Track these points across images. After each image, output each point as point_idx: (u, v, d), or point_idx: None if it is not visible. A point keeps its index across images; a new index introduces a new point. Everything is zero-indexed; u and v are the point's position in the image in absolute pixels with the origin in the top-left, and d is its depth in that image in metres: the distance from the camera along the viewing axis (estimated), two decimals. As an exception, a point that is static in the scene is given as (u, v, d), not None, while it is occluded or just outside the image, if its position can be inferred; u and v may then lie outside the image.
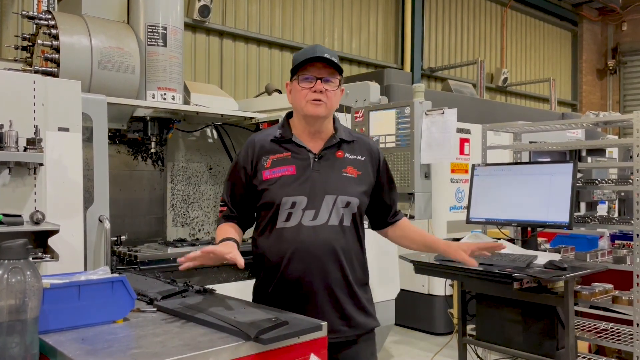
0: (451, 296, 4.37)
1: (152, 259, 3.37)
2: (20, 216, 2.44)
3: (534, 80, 11.99)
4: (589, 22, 13.85)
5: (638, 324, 3.02)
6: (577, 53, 13.68)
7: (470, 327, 3.41)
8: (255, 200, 2.08)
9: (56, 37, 3.14)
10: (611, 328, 3.32)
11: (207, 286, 2.07)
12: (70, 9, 3.52)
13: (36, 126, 2.62)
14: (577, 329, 3.33)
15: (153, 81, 3.51)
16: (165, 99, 3.53)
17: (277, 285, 2.03)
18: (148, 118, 3.79)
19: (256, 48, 7.39)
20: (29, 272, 1.33)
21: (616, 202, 6.75)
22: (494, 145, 4.22)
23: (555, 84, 11.84)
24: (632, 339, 3.09)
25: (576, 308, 3.35)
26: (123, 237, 3.63)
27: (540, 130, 3.96)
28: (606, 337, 3.22)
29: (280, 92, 4.91)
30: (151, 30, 3.51)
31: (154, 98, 3.51)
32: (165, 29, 3.53)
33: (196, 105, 3.79)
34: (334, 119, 2.15)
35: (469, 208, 3.42)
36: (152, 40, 3.51)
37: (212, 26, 6.84)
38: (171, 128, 3.95)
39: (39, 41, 3.21)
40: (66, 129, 2.77)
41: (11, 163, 2.53)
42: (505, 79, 11.08)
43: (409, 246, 2.33)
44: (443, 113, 3.34)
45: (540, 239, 3.62)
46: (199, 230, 4.44)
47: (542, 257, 2.86)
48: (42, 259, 2.42)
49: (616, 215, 6.38)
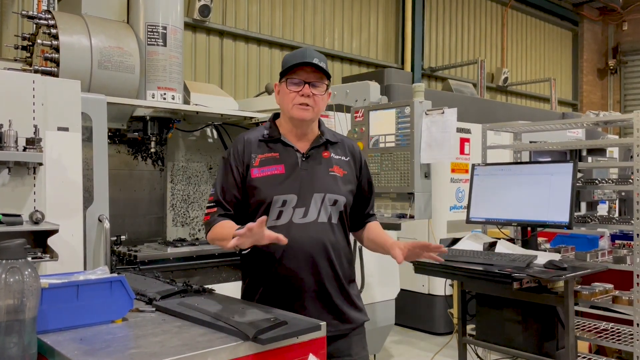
0: (451, 296, 4.37)
1: (151, 258, 3.37)
2: (19, 216, 2.44)
3: (534, 80, 11.97)
4: (590, 22, 13.83)
5: (638, 324, 3.02)
6: (578, 53, 13.66)
7: (470, 327, 3.41)
8: (245, 199, 2.09)
9: (56, 37, 3.14)
10: (611, 328, 3.32)
11: (206, 286, 2.07)
12: (70, 8, 3.52)
13: (36, 126, 2.62)
14: (577, 329, 3.33)
15: (153, 81, 3.50)
16: (165, 98, 3.53)
17: (269, 282, 2.04)
18: (148, 118, 3.79)
19: (256, 48, 7.38)
20: (27, 272, 1.33)
21: (617, 202, 6.75)
22: (494, 145, 4.21)
23: (556, 84, 11.83)
24: (632, 339, 3.09)
25: (576, 308, 3.35)
26: (123, 237, 3.64)
27: (540, 130, 3.96)
28: (606, 337, 3.22)
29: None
30: (151, 30, 3.50)
31: (153, 98, 3.50)
32: (165, 28, 3.53)
33: (196, 105, 3.79)
34: (319, 122, 2.20)
35: (469, 208, 3.42)
36: (152, 40, 3.50)
37: (212, 26, 6.84)
38: (171, 128, 3.95)
39: (39, 41, 3.20)
40: (66, 129, 2.77)
41: (10, 163, 2.53)
42: (506, 79, 11.07)
43: (368, 246, 2.32)
44: (443, 113, 3.33)
45: (540, 239, 3.62)
46: (199, 230, 4.43)
47: (542, 257, 2.86)
48: (42, 258, 2.43)
49: (617, 215, 6.38)
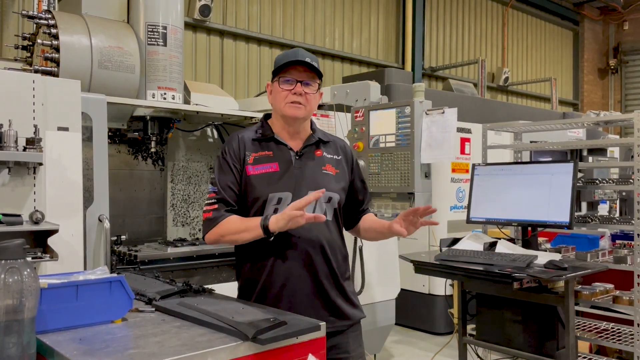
0: (451, 296, 4.37)
1: (152, 258, 3.37)
2: (19, 216, 2.44)
3: (535, 80, 11.96)
4: (591, 22, 13.82)
5: (638, 324, 3.01)
6: (579, 52, 13.65)
7: (470, 327, 3.40)
8: (242, 196, 2.09)
9: (56, 37, 3.14)
10: (612, 328, 3.31)
11: (206, 286, 2.07)
12: (70, 8, 3.52)
13: (36, 126, 2.62)
14: (577, 329, 3.33)
15: (153, 81, 3.50)
16: (165, 98, 3.53)
17: (266, 281, 2.05)
18: (148, 117, 3.79)
19: (257, 48, 7.38)
20: (26, 272, 1.33)
21: (617, 201, 6.75)
22: (494, 144, 4.21)
23: (557, 84, 11.82)
24: (632, 339, 3.08)
25: (577, 308, 3.34)
26: (123, 237, 3.64)
27: (540, 130, 3.96)
28: (607, 337, 3.22)
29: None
30: (151, 29, 3.50)
31: (154, 97, 3.50)
32: (165, 28, 3.53)
33: (196, 104, 3.78)
34: (311, 122, 2.22)
35: (469, 208, 3.42)
36: (152, 39, 3.50)
37: (212, 26, 6.84)
38: (171, 127, 3.95)
39: (39, 41, 3.20)
40: (66, 129, 2.77)
41: (10, 163, 2.53)
42: (507, 79, 11.07)
43: (365, 236, 2.37)
44: (443, 112, 3.33)
45: (540, 239, 3.61)
46: (199, 230, 4.43)
47: (543, 257, 2.86)
48: (42, 258, 2.43)
49: (617, 215, 6.38)
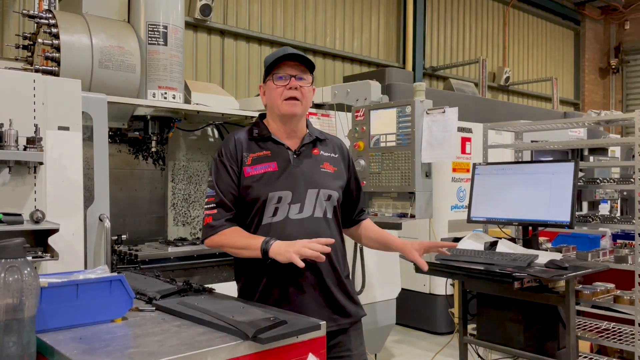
0: (452, 296, 4.37)
1: (152, 258, 3.38)
2: (20, 215, 2.44)
3: (536, 79, 11.95)
4: (592, 21, 13.80)
5: (639, 324, 3.01)
6: (580, 52, 13.63)
7: (471, 327, 3.40)
8: (241, 197, 2.08)
9: (57, 36, 3.14)
10: (613, 328, 3.31)
11: (206, 285, 2.07)
12: (71, 8, 3.52)
13: (36, 125, 2.62)
14: (578, 328, 3.32)
15: (154, 80, 3.50)
16: (165, 98, 3.53)
17: (268, 280, 2.04)
18: (149, 117, 3.79)
19: (258, 47, 7.38)
20: (26, 271, 1.33)
21: (618, 201, 6.74)
22: (495, 144, 4.21)
23: (558, 83, 11.81)
24: (633, 338, 3.08)
25: (578, 308, 3.34)
26: (124, 236, 3.64)
27: (541, 130, 3.95)
28: (607, 337, 3.21)
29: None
30: (152, 29, 3.50)
31: (154, 97, 3.50)
32: (165, 27, 3.53)
33: (197, 104, 3.78)
34: (307, 121, 2.22)
35: (469, 207, 3.41)
36: (153, 39, 3.50)
37: (213, 25, 6.83)
38: (172, 127, 3.95)
39: (40, 40, 3.20)
40: (66, 128, 2.78)
41: (11, 162, 2.54)
42: (508, 78, 11.05)
43: (368, 244, 2.40)
44: (444, 112, 3.32)
45: (541, 239, 3.61)
46: (199, 230, 4.43)
47: (543, 257, 2.85)
48: (42, 258, 2.43)
49: (618, 214, 6.37)
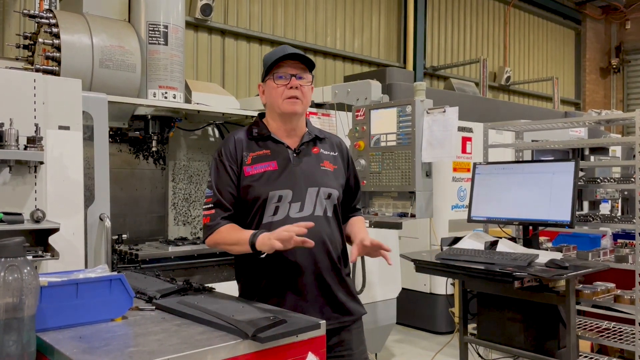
0: (452, 295, 4.37)
1: (153, 257, 3.38)
2: (20, 214, 2.44)
3: (537, 79, 11.94)
4: (593, 21, 13.79)
5: (639, 323, 3.01)
6: (581, 52, 13.62)
7: (471, 326, 3.40)
8: (241, 197, 2.09)
9: (57, 36, 3.14)
10: (613, 327, 3.31)
11: (206, 285, 2.07)
12: (72, 7, 3.53)
13: (37, 124, 2.62)
14: (579, 328, 3.32)
15: (154, 80, 3.51)
16: (166, 97, 3.53)
17: (269, 279, 2.05)
18: (149, 117, 3.79)
19: (258, 47, 7.38)
20: (25, 270, 1.33)
21: (619, 201, 6.74)
22: (495, 143, 4.21)
23: (559, 83, 11.79)
24: (634, 338, 3.08)
25: (578, 307, 3.33)
26: (124, 236, 3.64)
27: (542, 129, 3.95)
28: (608, 337, 3.21)
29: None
30: (152, 28, 3.50)
31: (155, 97, 3.51)
32: (166, 27, 3.53)
33: (197, 103, 3.79)
34: (306, 120, 2.23)
35: (470, 207, 3.41)
36: (153, 38, 3.51)
37: (214, 25, 6.84)
38: (172, 126, 3.95)
39: (40, 40, 3.21)
40: (67, 128, 2.78)
41: (12, 161, 2.54)
42: (508, 78, 11.05)
43: (347, 241, 2.29)
44: (444, 111, 3.32)
45: (542, 238, 3.61)
46: (200, 229, 4.44)
47: (544, 256, 2.85)
48: (43, 257, 2.43)
49: (619, 214, 6.37)
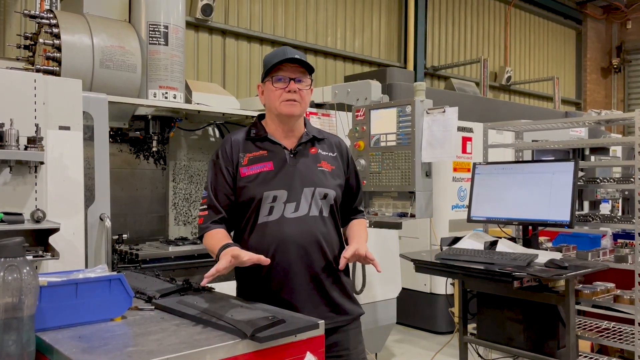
0: (452, 295, 4.37)
1: (153, 257, 3.39)
2: (21, 214, 2.45)
3: (537, 79, 11.94)
4: (594, 21, 13.78)
5: (639, 323, 3.01)
6: (582, 51, 13.61)
7: (471, 326, 3.40)
8: (237, 198, 2.11)
9: (58, 36, 3.15)
10: (613, 327, 3.31)
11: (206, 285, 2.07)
12: (72, 8, 3.54)
13: (37, 125, 2.63)
14: (578, 328, 3.32)
15: (154, 80, 3.51)
16: (166, 97, 3.54)
17: (265, 278, 2.05)
18: (150, 117, 3.80)
19: (259, 47, 7.39)
20: (25, 270, 1.33)
21: (620, 201, 6.73)
22: (495, 143, 4.21)
23: (559, 83, 11.79)
24: (633, 338, 3.08)
25: (578, 307, 3.34)
26: (125, 236, 3.65)
27: (541, 129, 3.95)
28: (608, 337, 3.21)
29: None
30: (153, 29, 3.51)
31: (155, 97, 3.51)
32: (166, 27, 3.54)
33: (198, 104, 3.79)
34: (304, 119, 2.23)
35: (470, 207, 3.42)
36: (154, 39, 3.51)
37: (214, 25, 6.84)
38: (173, 127, 3.96)
39: (41, 40, 3.21)
40: (67, 128, 2.79)
41: (12, 161, 2.55)
42: (509, 78, 11.04)
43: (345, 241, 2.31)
44: (444, 111, 3.33)
45: (542, 238, 3.61)
46: (200, 229, 4.44)
47: (543, 256, 2.86)
48: (43, 257, 2.44)
49: (620, 214, 6.36)
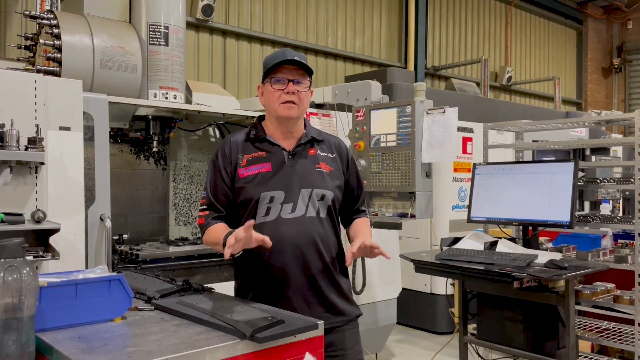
0: (452, 295, 4.37)
1: (153, 257, 3.39)
2: (21, 215, 2.46)
3: (538, 79, 11.93)
4: (594, 21, 13.77)
5: (639, 324, 3.01)
6: (582, 51, 13.60)
7: (471, 327, 3.41)
8: (235, 199, 2.12)
9: (58, 37, 3.16)
10: (613, 327, 3.31)
11: (207, 285, 2.08)
12: (73, 8, 3.54)
13: (37, 125, 2.63)
14: (579, 328, 3.32)
15: (155, 80, 3.52)
16: (167, 98, 3.54)
17: (262, 279, 2.07)
18: (150, 117, 3.80)
19: (259, 47, 7.39)
20: (25, 271, 1.34)
21: (620, 201, 6.73)
22: (495, 144, 4.21)
23: (560, 83, 11.78)
24: (633, 338, 3.08)
25: (578, 307, 3.34)
26: (125, 236, 3.65)
27: (541, 129, 3.95)
28: (608, 337, 3.21)
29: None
30: (153, 29, 3.52)
31: (155, 97, 3.52)
32: (167, 28, 3.54)
33: (198, 104, 3.80)
34: (304, 122, 2.24)
35: (470, 207, 3.42)
36: (154, 39, 3.52)
37: (215, 25, 6.84)
38: (173, 127, 3.97)
39: (41, 40, 3.22)
40: (67, 128, 2.79)
41: (12, 162, 2.55)
42: (510, 78, 11.04)
43: (349, 240, 2.30)
44: (444, 112, 3.33)
45: (542, 239, 3.61)
46: (201, 229, 4.44)
47: (543, 257, 2.86)
48: (43, 257, 2.44)
49: (620, 214, 6.36)
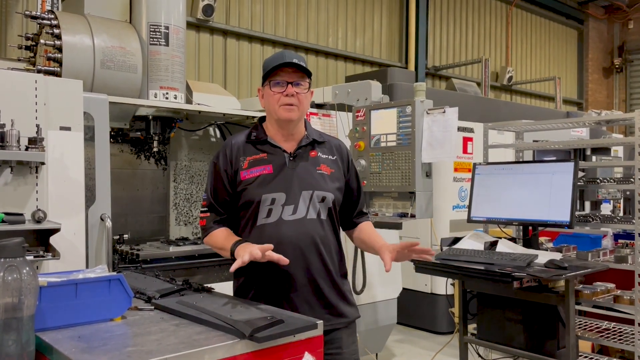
0: (453, 295, 4.37)
1: (154, 257, 3.40)
2: (22, 215, 2.46)
3: (539, 79, 11.93)
4: (595, 20, 13.76)
5: (639, 324, 3.01)
6: (583, 51, 13.59)
7: (471, 327, 3.41)
8: (236, 201, 2.14)
9: (59, 37, 3.16)
10: (613, 327, 3.31)
11: (207, 285, 2.09)
12: (73, 8, 3.55)
13: (38, 125, 2.64)
14: (579, 328, 3.32)
15: (155, 80, 3.52)
16: (167, 98, 3.54)
17: (262, 280, 2.08)
18: (150, 117, 3.81)
19: (260, 47, 7.39)
20: (25, 270, 1.34)
21: (621, 201, 6.72)
22: (495, 144, 4.21)
23: (561, 83, 11.78)
24: (634, 338, 3.08)
25: (578, 307, 3.34)
26: (125, 236, 3.66)
27: (541, 129, 3.95)
28: (608, 337, 3.21)
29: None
30: (153, 29, 3.52)
31: (156, 97, 3.52)
32: (167, 28, 3.54)
33: (198, 104, 3.80)
34: (305, 123, 2.25)
35: (470, 207, 3.42)
36: (155, 39, 3.52)
37: (215, 25, 6.85)
38: (173, 127, 3.97)
39: (42, 41, 3.22)
40: (68, 128, 2.80)
41: (13, 162, 2.56)
42: (510, 78, 11.04)
43: (360, 246, 2.46)
44: (444, 112, 3.33)
45: (543, 239, 3.61)
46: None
47: (543, 256, 2.86)
48: (44, 257, 2.45)
49: (621, 214, 6.35)
